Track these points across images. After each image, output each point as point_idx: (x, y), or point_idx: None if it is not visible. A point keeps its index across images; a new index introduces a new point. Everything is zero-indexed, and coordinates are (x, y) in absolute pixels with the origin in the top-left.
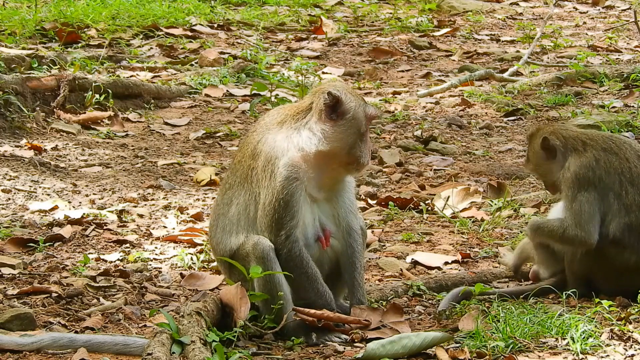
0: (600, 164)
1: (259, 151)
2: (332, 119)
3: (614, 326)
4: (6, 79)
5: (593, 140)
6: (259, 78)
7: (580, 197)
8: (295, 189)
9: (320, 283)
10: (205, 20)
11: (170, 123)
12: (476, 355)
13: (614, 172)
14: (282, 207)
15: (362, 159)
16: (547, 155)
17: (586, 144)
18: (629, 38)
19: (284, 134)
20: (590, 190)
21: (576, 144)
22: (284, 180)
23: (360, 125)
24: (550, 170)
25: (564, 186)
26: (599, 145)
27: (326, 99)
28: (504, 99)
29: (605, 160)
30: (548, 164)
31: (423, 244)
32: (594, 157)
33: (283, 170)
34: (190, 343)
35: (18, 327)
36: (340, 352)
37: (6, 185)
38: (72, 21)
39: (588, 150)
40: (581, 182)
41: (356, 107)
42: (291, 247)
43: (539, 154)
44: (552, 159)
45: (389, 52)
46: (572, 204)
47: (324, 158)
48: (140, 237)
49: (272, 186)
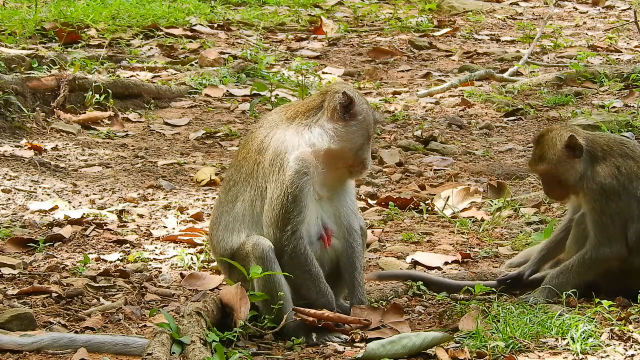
0: (622, 172)
1: (267, 146)
2: (344, 118)
3: (614, 326)
4: (6, 79)
5: (609, 146)
6: (259, 78)
7: (609, 209)
8: (305, 184)
9: (322, 282)
10: (205, 20)
11: (170, 123)
12: (476, 355)
13: (635, 178)
14: (290, 202)
15: (367, 162)
16: (570, 154)
17: (605, 150)
18: (629, 38)
19: (294, 130)
20: (616, 200)
21: (595, 149)
22: (294, 174)
23: (369, 128)
24: (571, 170)
25: (589, 198)
26: (616, 152)
27: (341, 98)
28: (504, 99)
29: (625, 167)
30: (571, 163)
31: (423, 244)
32: (615, 166)
33: (294, 164)
34: (190, 343)
35: (18, 327)
36: (340, 352)
37: (6, 185)
38: (72, 21)
39: (607, 158)
40: (608, 193)
41: (367, 109)
42: (297, 243)
43: (561, 152)
44: (574, 159)
45: (389, 52)
46: (602, 218)
47: (333, 156)
48: (140, 237)
49: (280, 180)
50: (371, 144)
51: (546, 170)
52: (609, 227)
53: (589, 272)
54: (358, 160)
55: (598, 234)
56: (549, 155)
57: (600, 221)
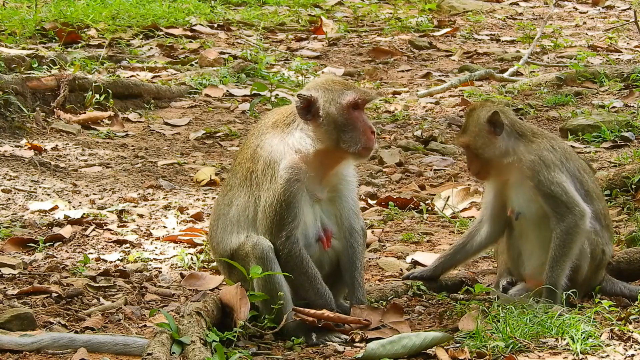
0: (556, 149)
1: (259, 155)
2: (309, 119)
3: (614, 326)
4: (6, 79)
5: (540, 131)
6: (259, 78)
7: (554, 178)
8: (297, 191)
9: (320, 283)
10: (205, 20)
11: (170, 123)
12: (476, 355)
13: (570, 157)
14: (283, 209)
15: (352, 149)
16: (491, 130)
17: (535, 134)
18: (629, 38)
19: (278, 137)
20: (557, 170)
21: (524, 131)
22: (285, 182)
23: (336, 118)
24: (490, 145)
25: (529, 172)
26: (546, 135)
27: (297, 101)
28: (504, 99)
29: (559, 146)
30: (491, 139)
31: (423, 244)
32: (549, 143)
33: (284, 173)
34: (190, 343)
35: (18, 327)
36: (340, 352)
37: (6, 185)
38: (72, 21)
39: (538, 138)
40: (547, 163)
41: (326, 102)
42: (291, 247)
43: (482, 126)
44: (494, 136)
45: (389, 52)
46: (551, 187)
47: (324, 155)
48: (140, 237)
49: (272, 188)
50: (355, 126)
51: (466, 142)
52: (561, 194)
53: (573, 246)
54: (342, 151)
55: (556, 206)
56: (470, 127)
57: (550, 192)
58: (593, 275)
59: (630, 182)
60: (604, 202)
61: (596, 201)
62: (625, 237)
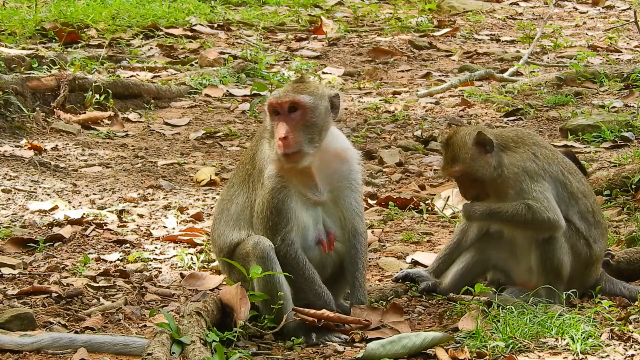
0: (539, 156)
1: (255, 160)
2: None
3: (614, 326)
4: (6, 79)
5: (519, 137)
6: (259, 78)
7: (535, 187)
8: (285, 197)
9: (318, 284)
10: (205, 20)
11: (170, 123)
12: (476, 355)
13: (553, 162)
14: (274, 215)
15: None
16: (481, 150)
17: (516, 141)
18: (629, 38)
19: (268, 144)
20: (540, 180)
21: (506, 142)
22: (272, 190)
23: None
24: (486, 165)
25: (513, 182)
26: (527, 141)
27: None
28: (504, 99)
29: (541, 153)
30: (484, 159)
31: (423, 244)
32: (530, 151)
33: (268, 183)
34: (190, 343)
35: (18, 327)
36: (340, 352)
37: (6, 185)
38: (72, 21)
39: (520, 146)
40: (530, 174)
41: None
42: (287, 250)
43: (472, 150)
44: (486, 154)
45: (389, 52)
46: (532, 194)
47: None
48: (140, 237)
49: (262, 194)
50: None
51: (461, 170)
52: (542, 199)
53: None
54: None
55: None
56: (461, 155)
57: (532, 197)
58: (583, 272)
59: (630, 182)
60: (592, 199)
61: (582, 200)
62: (625, 237)
